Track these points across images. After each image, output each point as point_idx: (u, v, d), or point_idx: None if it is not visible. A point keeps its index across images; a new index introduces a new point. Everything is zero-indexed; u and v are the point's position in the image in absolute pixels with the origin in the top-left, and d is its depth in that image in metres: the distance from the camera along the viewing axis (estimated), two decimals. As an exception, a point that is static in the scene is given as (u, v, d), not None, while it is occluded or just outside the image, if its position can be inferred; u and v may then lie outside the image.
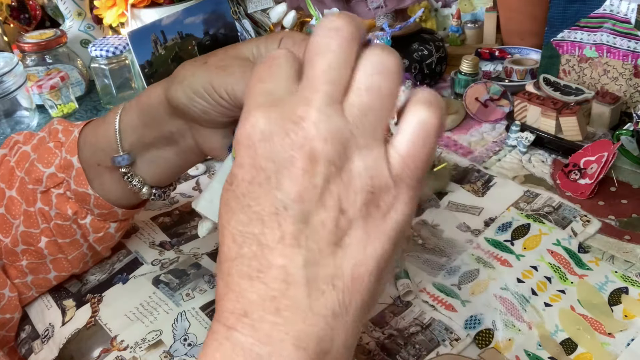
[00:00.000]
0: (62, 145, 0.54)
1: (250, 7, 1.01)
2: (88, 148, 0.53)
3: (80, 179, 0.53)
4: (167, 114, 0.49)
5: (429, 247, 0.63)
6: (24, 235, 0.55)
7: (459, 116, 0.86)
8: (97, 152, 0.53)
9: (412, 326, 0.53)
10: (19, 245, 0.56)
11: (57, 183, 0.54)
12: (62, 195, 0.54)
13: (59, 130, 0.55)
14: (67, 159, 0.53)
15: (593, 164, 0.69)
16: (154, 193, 0.55)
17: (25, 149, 0.56)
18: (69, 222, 0.55)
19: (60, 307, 0.59)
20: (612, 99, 0.78)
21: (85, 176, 0.53)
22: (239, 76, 0.44)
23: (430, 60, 0.93)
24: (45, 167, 0.53)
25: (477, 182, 0.72)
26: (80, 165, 0.53)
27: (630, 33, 0.76)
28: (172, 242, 0.66)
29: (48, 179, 0.53)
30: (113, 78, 0.97)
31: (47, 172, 0.53)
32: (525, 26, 1.01)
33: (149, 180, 0.54)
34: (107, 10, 0.97)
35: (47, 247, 0.56)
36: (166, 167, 0.54)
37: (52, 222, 0.55)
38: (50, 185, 0.54)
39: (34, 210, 0.55)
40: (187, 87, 0.46)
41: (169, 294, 0.59)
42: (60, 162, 0.53)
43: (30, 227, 0.55)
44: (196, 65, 0.46)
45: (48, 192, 0.54)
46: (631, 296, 0.55)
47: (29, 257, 0.56)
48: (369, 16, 1.17)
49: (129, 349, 0.54)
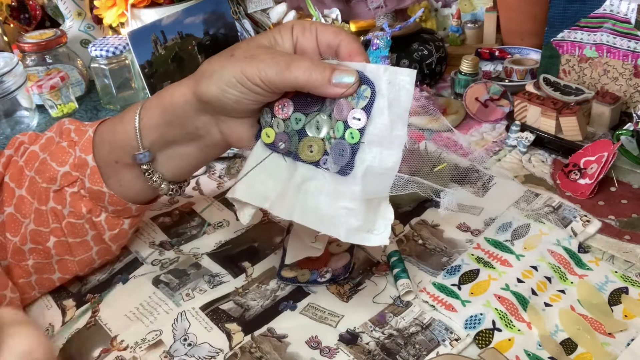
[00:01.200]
0: (76, 144, 0.55)
1: (250, 7, 1.01)
2: (105, 146, 0.54)
3: (95, 177, 0.54)
4: (195, 110, 0.51)
5: (429, 247, 0.63)
6: (33, 233, 0.56)
7: (459, 116, 0.86)
8: (115, 150, 0.54)
9: (412, 326, 0.53)
10: (27, 244, 0.56)
11: (71, 182, 0.54)
12: (76, 193, 0.55)
13: (71, 129, 0.56)
14: (82, 157, 0.54)
15: (593, 164, 0.69)
16: (171, 189, 0.56)
17: (34, 148, 0.57)
18: (82, 220, 0.56)
19: (60, 307, 0.59)
20: (612, 99, 0.78)
21: (100, 174, 0.54)
22: (270, 61, 0.47)
23: (430, 60, 0.93)
24: (59, 165, 0.54)
25: (477, 182, 0.72)
26: (96, 163, 0.54)
27: (630, 33, 0.76)
28: (172, 242, 0.66)
29: (62, 177, 0.54)
30: (113, 78, 0.97)
31: (62, 170, 0.54)
32: (525, 26, 1.01)
33: (168, 175, 0.56)
34: (107, 10, 0.97)
35: (55, 247, 0.57)
36: (187, 162, 0.56)
37: (65, 220, 0.56)
38: (64, 184, 0.54)
39: (45, 209, 0.55)
40: (218, 79, 0.48)
41: (169, 294, 0.59)
42: (75, 161, 0.54)
43: (41, 226, 0.56)
44: (224, 59, 0.49)
45: (62, 191, 0.55)
46: (631, 296, 0.55)
47: (35, 256, 0.57)
48: (369, 16, 1.17)
49: (129, 349, 0.54)
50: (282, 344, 0.53)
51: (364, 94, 0.47)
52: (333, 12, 1.02)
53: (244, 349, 0.52)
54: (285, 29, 0.50)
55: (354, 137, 0.47)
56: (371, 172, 0.47)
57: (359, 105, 0.47)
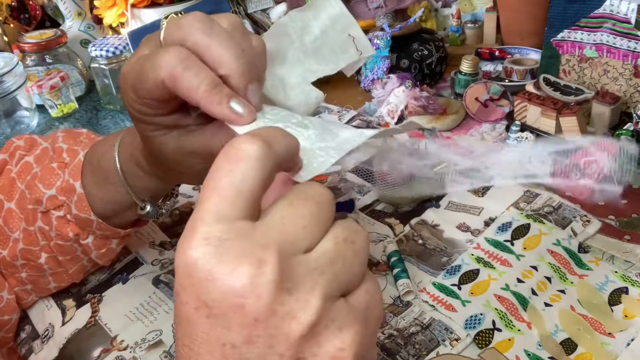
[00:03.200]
0: (66, 166, 0.52)
1: (250, 7, 1.01)
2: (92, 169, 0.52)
3: (82, 204, 0.51)
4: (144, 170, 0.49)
5: (429, 247, 0.63)
6: (23, 252, 0.54)
7: (459, 116, 0.86)
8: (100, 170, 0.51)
9: (412, 326, 0.53)
10: (18, 260, 0.55)
11: (57, 205, 0.52)
12: (62, 217, 0.53)
13: (64, 149, 0.54)
14: (70, 182, 0.51)
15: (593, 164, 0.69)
16: (158, 208, 0.53)
17: (28, 159, 0.55)
18: (69, 242, 0.54)
19: (60, 307, 0.59)
20: (612, 99, 0.78)
21: (87, 202, 0.51)
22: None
23: (430, 60, 0.93)
24: (46, 188, 0.52)
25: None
26: (83, 190, 0.51)
27: (630, 33, 0.76)
28: (172, 242, 0.66)
29: (48, 200, 0.52)
30: (113, 78, 0.97)
31: (48, 193, 0.52)
32: (525, 26, 1.01)
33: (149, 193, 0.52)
34: (107, 10, 0.97)
35: (47, 263, 0.55)
36: (193, 181, 0.53)
37: (53, 241, 0.54)
38: (50, 207, 0.52)
39: (33, 229, 0.54)
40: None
41: (169, 294, 0.59)
42: (62, 185, 0.52)
43: (30, 245, 0.54)
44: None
45: (48, 213, 0.53)
46: (631, 296, 0.55)
47: (29, 270, 0.56)
48: (369, 16, 1.17)
49: (129, 349, 0.54)
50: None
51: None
52: (333, 12, 1.01)
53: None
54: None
55: None
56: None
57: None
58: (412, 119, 0.85)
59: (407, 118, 0.86)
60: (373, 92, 0.91)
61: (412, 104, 0.85)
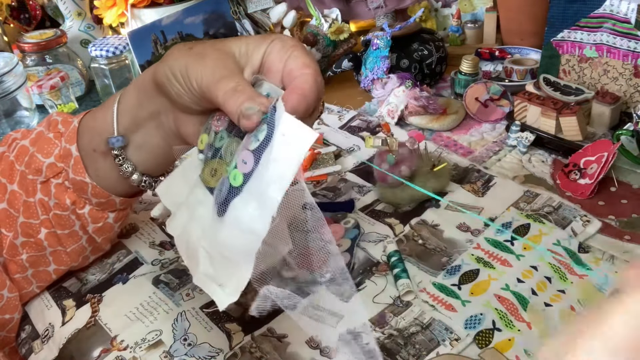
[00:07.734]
0: (62, 135, 0.55)
1: (250, 7, 1.01)
2: (86, 134, 0.54)
3: (78, 167, 0.54)
4: (154, 90, 0.50)
5: (429, 247, 0.63)
6: (23, 226, 0.56)
7: (459, 116, 0.86)
8: (94, 138, 0.53)
9: (412, 326, 0.53)
10: (18, 238, 0.56)
11: (56, 173, 0.54)
12: (60, 185, 0.55)
13: (59, 121, 0.56)
14: (66, 147, 0.54)
15: (593, 164, 0.69)
16: (144, 180, 0.54)
17: (24, 143, 0.57)
18: (67, 212, 0.56)
19: (60, 307, 0.59)
20: (612, 99, 0.78)
21: (82, 164, 0.54)
22: (211, 69, 0.44)
23: (430, 60, 0.93)
24: (44, 157, 0.54)
25: (477, 182, 0.72)
26: (79, 153, 0.53)
27: (630, 33, 0.76)
28: (172, 242, 0.66)
29: (47, 168, 0.54)
30: (113, 78, 0.97)
31: (47, 162, 0.54)
32: (525, 26, 1.01)
33: (140, 167, 0.54)
34: (107, 10, 0.97)
35: (47, 239, 0.57)
36: (155, 153, 0.54)
37: (52, 212, 0.56)
38: (49, 175, 0.54)
39: (33, 201, 0.55)
40: (167, 68, 0.47)
41: (169, 294, 0.59)
42: (60, 152, 0.54)
43: (30, 218, 0.56)
44: (182, 49, 0.47)
45: (47, 182, 0.55)
46: (631, 296, 0.55)
47: (29, 249, 0.57)
48: (369, 16, 1.17)
49: (129, 349, 0.54)
50: (282, 343, 0.53)
51: (259, 135, 0.40)
52: (333, 12, 1.01)
53: (244, 348, 0.52)
54: (263, 40, 0.47)
55: (237, 180, 0.41)
56: (238, 226, 0.40)
57: (251, 146, 0.40)
58: (412, 118, 0.85)
59: (407, 118, 0.86)
60: (373, 92, 0.91)
61: (412, 104, 0.85)
